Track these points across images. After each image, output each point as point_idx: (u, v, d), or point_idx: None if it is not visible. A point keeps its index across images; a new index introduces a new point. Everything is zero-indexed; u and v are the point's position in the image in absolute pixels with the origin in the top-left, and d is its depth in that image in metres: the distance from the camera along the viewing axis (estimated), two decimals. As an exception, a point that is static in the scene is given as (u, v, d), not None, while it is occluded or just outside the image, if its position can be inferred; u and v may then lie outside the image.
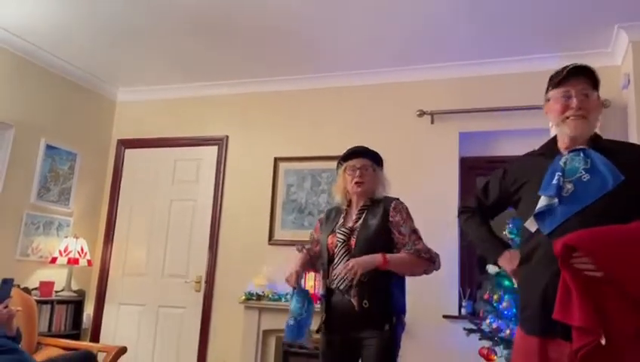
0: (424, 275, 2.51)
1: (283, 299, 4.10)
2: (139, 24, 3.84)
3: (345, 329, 2.41)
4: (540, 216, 1.73)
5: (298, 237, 4.29)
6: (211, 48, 4.16)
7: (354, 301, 2.35)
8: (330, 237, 2.52)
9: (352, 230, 2.48)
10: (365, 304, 2.34)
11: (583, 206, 1.65)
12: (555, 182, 1.71)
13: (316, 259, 2.67)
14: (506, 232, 3.21)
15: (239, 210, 4.60)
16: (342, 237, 2.47)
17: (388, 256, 2.35)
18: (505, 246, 1.99)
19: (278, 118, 4.66)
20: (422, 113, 4.19)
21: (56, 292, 4.42)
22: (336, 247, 2.47)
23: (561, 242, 1.55)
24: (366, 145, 2.68)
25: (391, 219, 2.45)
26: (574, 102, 1.75)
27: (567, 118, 1.77)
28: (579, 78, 1.77)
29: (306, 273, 3.33)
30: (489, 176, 2.08)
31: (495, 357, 3.30)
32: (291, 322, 2.44)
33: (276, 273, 4.28)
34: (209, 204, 4.72)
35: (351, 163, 2.58)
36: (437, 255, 2.47)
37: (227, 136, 4.78)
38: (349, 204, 2.62)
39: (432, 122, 4.19)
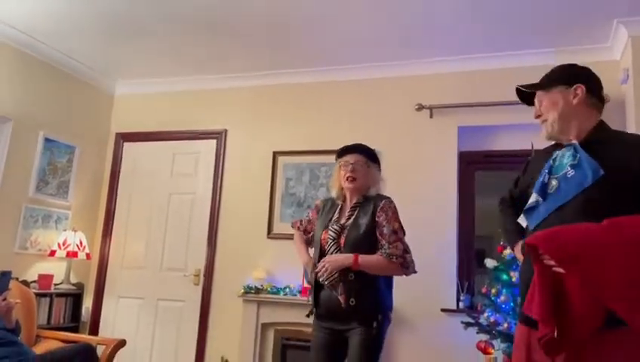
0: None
1: (281, 293, 4.12)
2: (138, 17, 3.82)
3: (333, 323, 2.48)
4: (528, 213, 1.83)
5: (297, 231, 4.31)
6: (211, 41, 4.15)
7: (341, 298, 2.40)
8: (323, 232, 2.58)
9: (342, 227, 2.54)
10: (352, 302, 2.40)
11: (561, 203, 1.70)
12: (541, 179, 1.79)
13: (307, 241, 2.81)
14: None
15: (238, 203, 4.61)
16: (333, 234, 2.53)
17: (360, 257, 2.40)
18: (523, 237, 2.04)
19: (277, 111, 4.65)
20: (421, 107, 4.19)
21: (55, 285, 4.42)
22: (327, 244, 2.53)
23: (526, 241, 1.65)
24: (365, 139, 2.73)
25: (377, 218, 2.49)
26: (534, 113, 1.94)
27: None
28: (534, 93, 1.95)
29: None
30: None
31: (492, 351, 3.32)
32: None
33: (275, 266, 4.30)
34: (208, 197, 4.72)
35: (345, 158, 2.63)
36: (412, 261, 2.48)
37: (226, 130, 4.78)
38: (345, 199, 2.66)
39: (431, 116, 4.19)
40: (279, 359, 4.10)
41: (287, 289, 4.13)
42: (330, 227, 2.56)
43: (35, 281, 4.24)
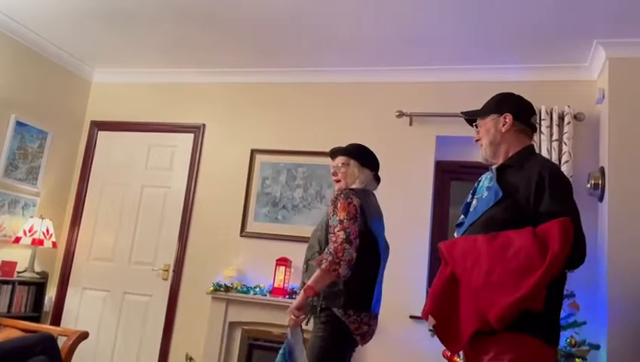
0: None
1: (251, 292, 4.08)
2: (120, 4, 3.75)
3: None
4: (457, 228, 2.12)
5: (271, 231, 4.31)
6: (193, 34, 4.10)
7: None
8: None
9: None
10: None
11: (473, 219, 1.98)
12: (466, 200, 2.11)
13: None
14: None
15: (212, 199, 4.56)
16: (313, 232, 2.64)
17: (309, 283, 2.32)
18: None
19: (257, 109, 4.62)
20: (401, 114, 4.21)
21: (19, 272, 4.30)
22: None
23: (438, 244, 2.01)
24: (345, 142, 2.80)
25: (328, 212, 2.50)
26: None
27: None
28: (477, 120, 2.17)
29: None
30: None
31: (458, 359, 3.34)
32: None
33: (247, 265, 4.27)
34: (182, 192, 4.65)
35: (333, 163, 2.73)
36: (336, 262, 2.25)
37: (204, 125, 4.72)
38: None
39: (411, 124, 4.21)
40: (245, 359, 4.07)
41: (258, 289, 4.09)
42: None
43: (-3, 268, 4.13)
